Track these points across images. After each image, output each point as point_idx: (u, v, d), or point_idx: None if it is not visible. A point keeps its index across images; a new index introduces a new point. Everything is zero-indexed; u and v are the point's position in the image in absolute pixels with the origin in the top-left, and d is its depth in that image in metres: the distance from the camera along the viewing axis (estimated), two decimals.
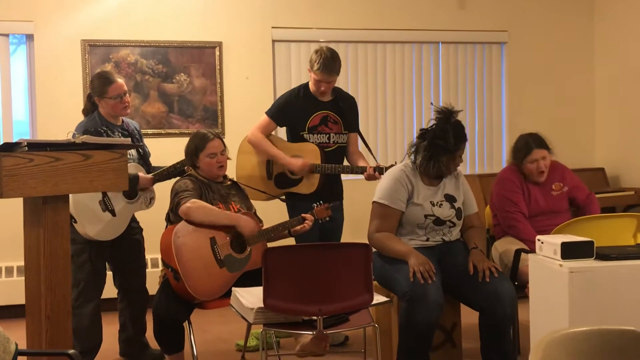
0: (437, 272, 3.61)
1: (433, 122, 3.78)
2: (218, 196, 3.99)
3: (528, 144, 4.31)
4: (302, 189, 4.46)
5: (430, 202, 3.79)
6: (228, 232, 3.85)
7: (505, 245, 4.21)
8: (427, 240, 3.79)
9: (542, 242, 3.16)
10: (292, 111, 4.51)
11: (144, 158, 4.30)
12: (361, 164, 4.53)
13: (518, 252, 3.95)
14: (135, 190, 4.08)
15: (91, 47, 5.79)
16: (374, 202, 3.86)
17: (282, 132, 4.83)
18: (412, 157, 3.85)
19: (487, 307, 3.56)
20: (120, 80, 4.16)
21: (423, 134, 3.80)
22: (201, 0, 6.04)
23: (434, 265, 3.64)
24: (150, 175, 4.14)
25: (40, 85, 5.76)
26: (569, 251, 3.02)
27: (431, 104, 3.95)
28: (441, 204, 3.80)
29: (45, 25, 5.75)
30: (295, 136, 4.54)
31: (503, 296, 3.53)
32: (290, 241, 4.36)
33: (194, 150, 4.01)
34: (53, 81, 5.76)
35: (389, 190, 3.80)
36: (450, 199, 3.85)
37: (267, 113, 4.57)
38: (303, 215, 4.07)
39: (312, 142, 4.48)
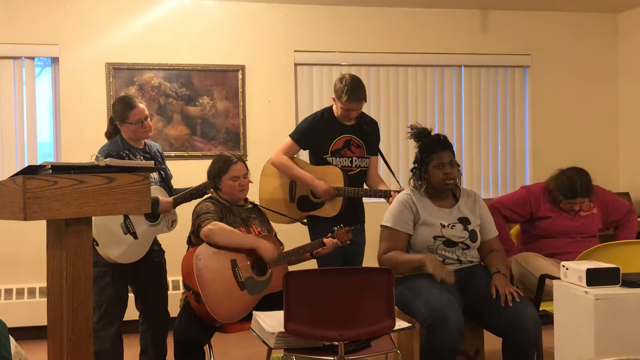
0: (458, 297, 3.59)
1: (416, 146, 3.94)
2: (239, 219, 3.99)
3: (574, 189, 4.21)
4: (324, 212, 4.45)
5: (441, 224, 3.77)
6: (249, 255, 3.85)
7: (528, 260, 4.14)
8: (443, 261, 3.75)
9: (567, 269, 3.12)
10: (315, 134, 4.52)
11: (165, 180, 4.31)
12: (382, 187, 4.51)
13: (542, 278, 3.90)
14: (156, 213, 4.09)
15: (115, 70, 5.85)
16: (381, 225, 3.88)
17: (304, 155, 4.83)
18: (412, 182, 3.92)
19: (511, 332, 3.52)
20: (142, 105, 4.16)
21: (414, 160, 3.92)
22: (224, 24, 6.09)
23: (455, 290, 3.63)
24: (170, 199, 4.14)
25: (65, 107, 5.82)
26: (595, 278, 2.97)
27: (409, 127, 3.98)
28: (453, 226, 3.78)
29: (71, 48, 5.82)
30: (318, 159, 4.54)
31: (526, 321, 3.48)
32: (312, 264, 4.34)
33: (216, 173, 4.02)
34: (77, 104, 5.81)
35: (394, 214, 3.83)
36: (464, 221, 3.82)
37: (291, 136, 4.58)
38: (324, 239, 4.07)
39: (335, 166, 4.47)
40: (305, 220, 4.57)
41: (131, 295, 4.28)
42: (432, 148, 3.80)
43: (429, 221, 3.77)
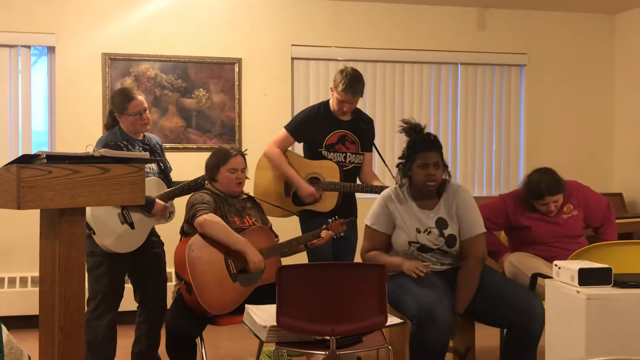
0: (447, 294, 3.59)
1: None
2: (234, 209, 4.00)
3: (540, 190, 4.09)
4: (319, 207, 4.45)
5: (417, 228, 3.69)
6: (238, 254, 3.84)
7: (521, 260, 4.11)
8: (423, 261, 3.71)
9: (559, 268, 3.12)
10: (310, 128, 4.51)
11: (164, 172, 4.30)
12: (375, 183, 4.51)
13: (535, 277, 3.90)
14: (149, 212, 4.06)
15: (112, 60, 5.83)
16: (365, 223, 3.85)
17: (298, 148, 4.82)
18: (397, 178, 3.81)
19: (519, 322, 3.51)
20: (141, 97, 4.16)
21: (401, 155, 3.81)
22: (222, 17, 6.08)
23: (447, 287, 3.63)
24: (166, 204, 4.10)
25: (60, 97, 5.80)
26: (587, 277, 2.98)
27: (401, 121, 3.86)
28: (429, 232, 3.69)
29: (67, 38, 5.80)
30: (312, 153, 4.54)
31: (536, 312, 3.48)
32: (303, 258, 4.34)
33: (215, 164, 4.02)
34: (73, 93, 5.80)
35: (374, 212, 3.80)
36: (442, 224, 3.70)
37: (286, 128, 4.58)
38: (322, 234, 4.07)
39: (331, 160, 4.47)
40: (299, 213, 4.57)
41: (128, 287, 4.27)
42: (419, 146, 3.68)
43: (404, 225, 3.71)
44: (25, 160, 2.56)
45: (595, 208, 4.31)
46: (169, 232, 4.37)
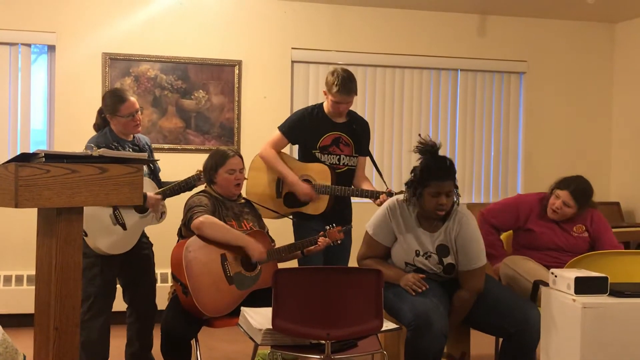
0: (443, 301, 3.58)
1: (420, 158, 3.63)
2: (231, 213, 3.99)
3: (566, 183, 4.16)
4: (310, 210, 4.44)
5: (416, 250, 3.63)
6: (239, 250, 3.84)
7: (517, 263, 4.10)
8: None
9: (555, 276, 3.13)
10: (304, 129, 4.50)
11: (154, 173, 4.29)
12: (366, 186, 4.49)
13: (536, 285, 3.88)
14: (144, 208, 4.07)
15: (112, 60, 5.83)
16: (366, 229, 3.80)
17: (294, 150, 4.81)
18: (405, 195, 3.67)
19: (516, 332, 3.50)
20: (133, 99, 4.14)
21: (413, 170, 3.66)
22: (223, 19, 6.08)
23: (443, 295, 3.62)
24: (158, 196, 4.11)
25: (60, 95, 5.80)
26: (583, 286, 2.98)
27: (419, 135, 3.71)
28: (429, 256, 3.63)
29: (68, 36, 5.80)
30: (306, 154, 4.53)
31: (532, 323, 3.45)
32: (294, 263, 4.33)
33: (213, 166, 4.01)
34: (73, 92, 5.80)
35: (376, 220, 3.72)
36: (443, 251, 3.62)
37: (280, 129, 4.56)
38: (319, 240, 4.06)
39: (323, 162, 4.46)
40: (291, 216, 4.56)
41: (119, 287, 4.27)
42: (433, 173, 3.51)
43: (404, 243, 3.65)
44: (24, 158, 2.56)
45: (602, 245, 4.25)
46: (164, 234, 4.36)
